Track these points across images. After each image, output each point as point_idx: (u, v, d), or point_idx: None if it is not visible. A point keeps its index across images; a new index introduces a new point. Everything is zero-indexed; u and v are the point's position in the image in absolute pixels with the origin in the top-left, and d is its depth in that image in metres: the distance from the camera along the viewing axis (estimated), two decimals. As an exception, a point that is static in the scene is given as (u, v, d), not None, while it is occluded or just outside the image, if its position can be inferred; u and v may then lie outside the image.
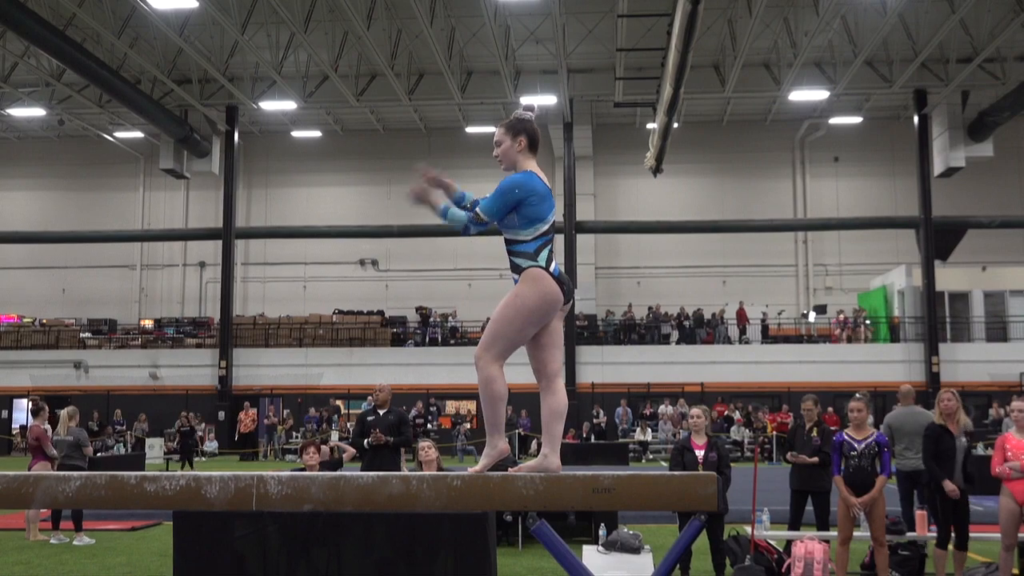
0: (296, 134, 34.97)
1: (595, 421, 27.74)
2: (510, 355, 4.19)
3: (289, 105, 30.12)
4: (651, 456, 26.64)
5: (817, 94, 29.36)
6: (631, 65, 26.87)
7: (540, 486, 4.00)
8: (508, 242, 4.24)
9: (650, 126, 27.39)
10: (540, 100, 28.85)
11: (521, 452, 24.99)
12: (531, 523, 4.14)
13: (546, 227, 4.19)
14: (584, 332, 31.01)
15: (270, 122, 34.32)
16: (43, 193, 36.46)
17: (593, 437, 26.81)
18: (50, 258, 35.24)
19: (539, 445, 4.37)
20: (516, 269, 4.22)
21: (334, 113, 33.32)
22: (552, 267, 4.17)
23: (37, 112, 31.52)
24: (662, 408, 28.23)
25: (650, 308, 32.17)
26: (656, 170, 27.66)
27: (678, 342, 31.11)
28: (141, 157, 35.65)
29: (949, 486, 7.88)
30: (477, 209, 4.22)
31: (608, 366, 30.04)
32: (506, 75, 27.45)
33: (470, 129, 33.49)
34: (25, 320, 34.40)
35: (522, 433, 26.01)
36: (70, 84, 28.86)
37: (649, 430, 27.51)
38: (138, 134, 33.93)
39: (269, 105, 30.14)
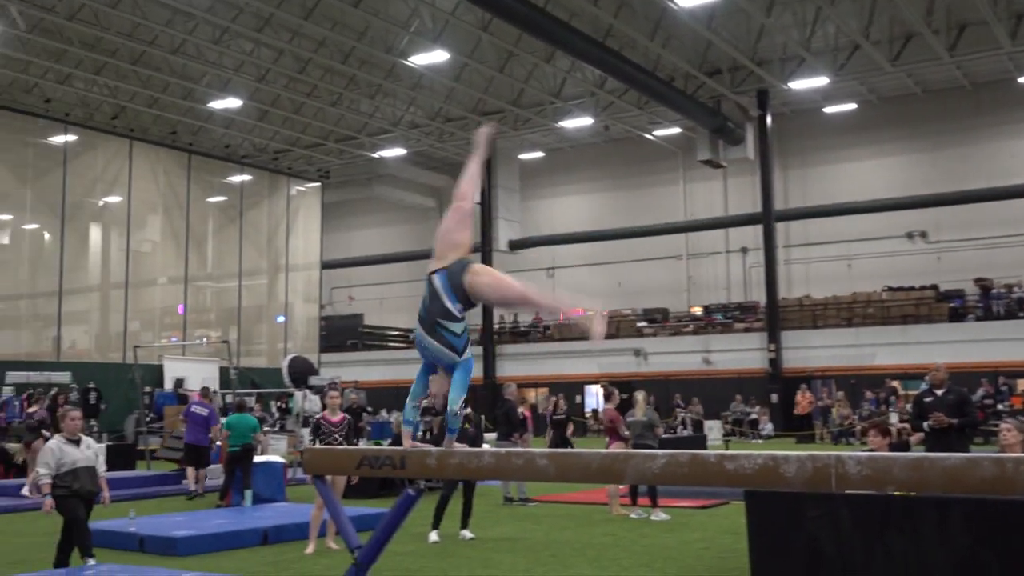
0: (828, 110, 34.04)
1: None
2: None
3: (820, 81, 29.41)
4: None
5: None
6: None
7: None
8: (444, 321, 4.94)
9: None
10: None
11: None
12: None
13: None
14: None
15: (801, 101, 33.80)
16: (595, 196, 39.55)
17: None
18: (605, 254, 38.01)
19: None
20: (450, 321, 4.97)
21: (867, 83, 31.88)
22: None
23: (585, 121, 34.18)
24: None
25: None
26: None
27: None
28: (679, 151, 37.12)
29: None
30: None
31: None
32: (1066, 10, 24.35)
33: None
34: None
35: None
36: (611, 91, 30.96)
37: None
38: (675, 130, 35.39)
39: (799, 84, 29.70)
